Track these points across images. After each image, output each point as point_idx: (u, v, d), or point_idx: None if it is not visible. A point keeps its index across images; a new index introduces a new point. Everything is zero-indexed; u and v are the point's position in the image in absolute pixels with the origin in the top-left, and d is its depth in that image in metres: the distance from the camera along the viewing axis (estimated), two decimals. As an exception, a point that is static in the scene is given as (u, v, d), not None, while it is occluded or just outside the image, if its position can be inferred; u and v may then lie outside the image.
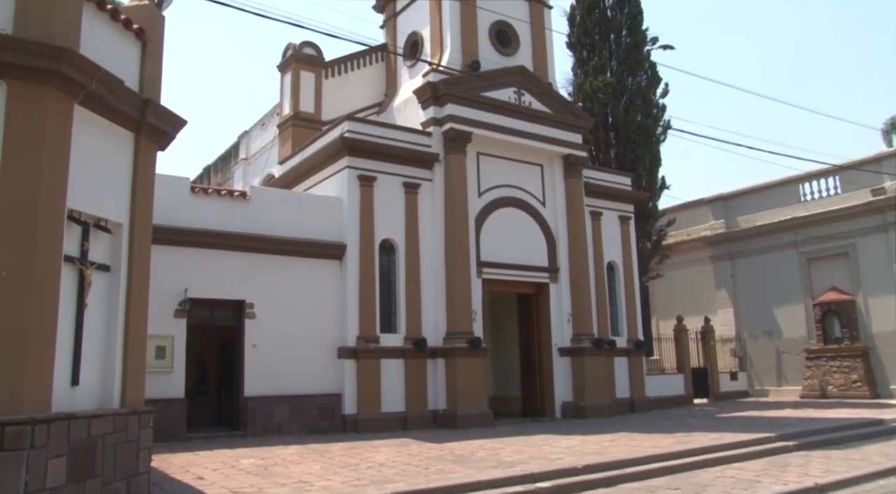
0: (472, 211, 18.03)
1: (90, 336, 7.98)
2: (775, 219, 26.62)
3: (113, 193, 8.64)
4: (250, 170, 26.84)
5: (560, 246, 19.73)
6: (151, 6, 9.78)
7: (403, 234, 17.17)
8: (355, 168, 16.63)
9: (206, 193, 15.40)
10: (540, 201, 19.74)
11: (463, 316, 16.97)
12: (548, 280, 19.48)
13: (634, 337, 21.33)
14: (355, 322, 15.98)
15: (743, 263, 27.87)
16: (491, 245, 18.39)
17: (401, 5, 21.65)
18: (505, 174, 19.13)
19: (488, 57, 19.40)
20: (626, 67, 25.80)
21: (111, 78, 8.13)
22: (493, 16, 19.92)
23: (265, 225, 15.54)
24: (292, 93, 20.65)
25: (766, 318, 26.83)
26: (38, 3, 7.49)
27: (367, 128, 17.25)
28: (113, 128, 8.62)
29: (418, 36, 20.50)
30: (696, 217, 29.33)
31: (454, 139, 17.75)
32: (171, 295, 14.00)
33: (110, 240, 8.61)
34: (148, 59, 9.49)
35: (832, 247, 25.01)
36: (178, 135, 9.88)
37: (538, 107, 19.58)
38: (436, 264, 17.38)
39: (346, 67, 21.67)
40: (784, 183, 26.75)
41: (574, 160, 20.00)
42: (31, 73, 7.28)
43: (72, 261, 7.75)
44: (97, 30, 8.48)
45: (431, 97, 18.03)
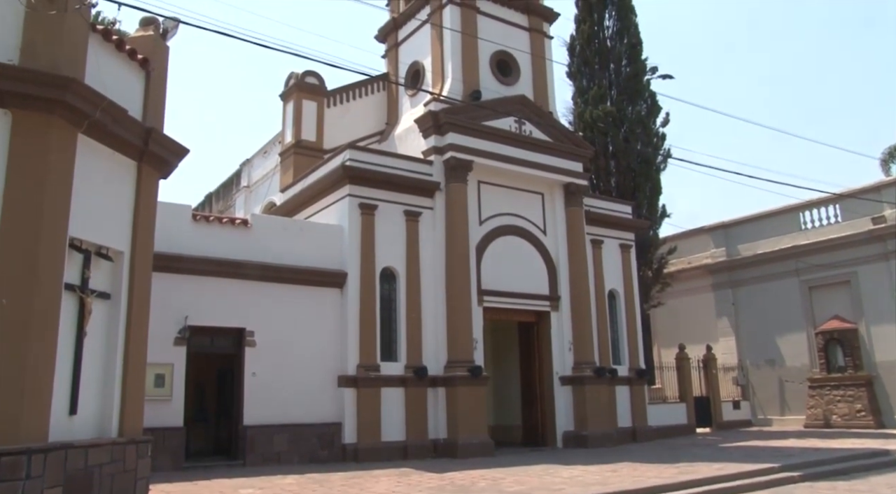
0: (473, 239, 18.04)
1: (89, 364, 7.96)
2: (776, 247, 26.63)
3: (114, 221, 8.67)
4: (252, 197, 26.94)
5: (561, 274, 19.72)
6: (156, 37, 9.90)
7: (404, 262, 17.17)
8: (356, 196, 16.69)
9: (208, 221, 15.44)
10: (541, 229, 19.78)
11: (464, 345, 16.90)
12: (549, 308, 19.43)
13: (636, 366, 21.22)
14: (356, 350, 15.91)
15: (744, 291, 27.81)
16: (492, 273, 18.38)
17: (402, 35, 21.90)
18: (506, 202, 19.19)
19: (489, 86, 19.57)
20: (626, 96, 26.01)
21: (115, 107, 8.21)
22: (494, 46, 20.13)
23: (266, 252, 15.55)
24: (294, 121, 20.78)
25: (769, 347, 26.71)
26: (45, 34, 7.59)
27: (369, 156, 17.35)
28: (116, 156, 8.69)
29: (420, 65, 20.70)
30: (697, 245, 29.34)
31: (455, 168, 17.83)
32: (171, 323, 13.96)
33: (111, 267, 8.63)
34: (152, 88, 9.60)
35: (833, 275, 24.99)
36: (180, 163, 9.96)
37: (539, 135, 19.70)
38: (437, 292, 17.36)
39: (347, 96, 21.84)
40: (784, 211, 26.80)
41: (575, 188, 20.07)
42: (37, 102, 7.35)
43: (72, 290, 7.76)
44: (102, 60, 8.58)
45: (432, 126, 18.15)
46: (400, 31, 22.01)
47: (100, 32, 8.79)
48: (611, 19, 27.03)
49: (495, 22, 20.51)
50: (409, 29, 21.57)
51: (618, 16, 26.94)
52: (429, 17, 20.38)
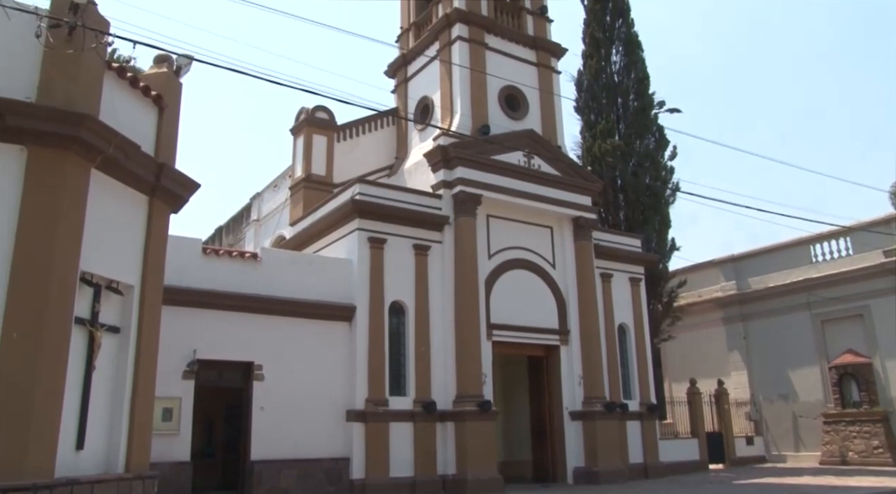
0: (482, 273, 18.03)
1: (97, 398, 7.95)
2: (787, 280, 26.44)
3: (126, 255, 8.73)
4: (262, 231, 27.07)
5: (570, 308, 19.64)
6: (169, 74, 10.07)
7: (413, 296, 17.15)
8: (366, 230, 16.75)
9: (218, 255, 15.50)
10: (550, 263, 19.76)
11: (473, 379, 16.79)
12: (558, 342, 19.32)
13: (647, 401, 20.99)
14: (364, 384, 15.82)
15: (755, 325, 27.57)
16: (501, 307, 18.33)
17: (412, 71, 22.18)
18: (515, 236, 19.21)
19: (498, 121, 19.73)
20: (634, 130, 26.14)
21: (128, 143, 8.32)
22: (503, 81, 20.34)
23: (275, 286, 15.57)
24: (304, 155, 20.96)
25: (781, 381, 26.37)
26: (62, 72, 7.73)
27: (378, 190, 17.45)
28: (128, 191, 8.78)
29: (429, 100, 20.91)
30: (707, 278, 29.18)
31: (464, 202, 17.90)
32: (180, 357, 13.93)
33: (121, 301, 8.66)
34: (164, 123, 9.74)
35: (846, 308, 24.74)
36: (192, 197, 10.05)
37: (547, 169, 19.78)
38: (445, 326, 17.30)
39: (357, 131, 22.06)
40: (795, 244, 26.64)
41: (583, 222, 20.08)
42: (52, 138, 7.47)
43: (82, 323, 7.79)
44: (117, 96, 8.73)
45: (441, 160, 18.27)
46: (409, 66, 22.30)
47: (115, 70, 8.96)
48: (618, 54, 27.30)
49: (503, 57, 20.75)
50: (418, 64, 21.85)
51: (625, 51, 27.21)
52: (438, 53, 20.65)
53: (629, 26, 27.49)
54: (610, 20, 27.48)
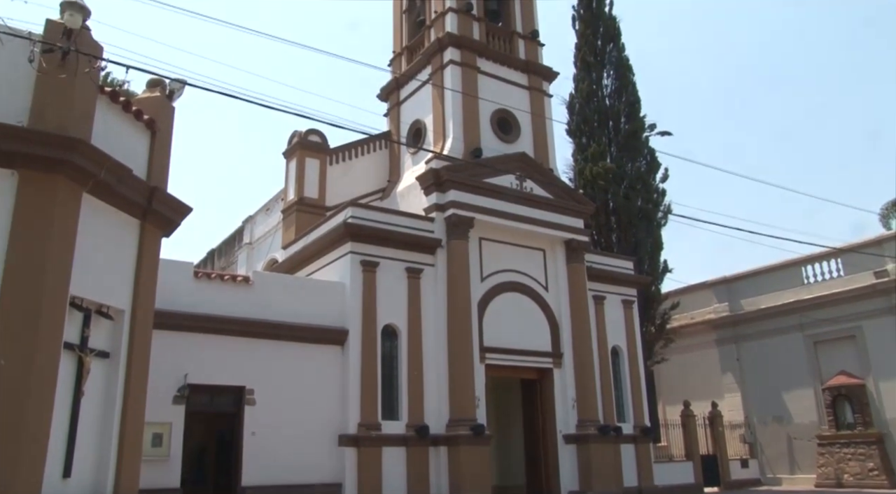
0: (475, 296, 18.00)
1: (85, 425, 7.85)
2: (779, 301, 26.49)
3: (116, 280, 8.68)
4: (254, 254, 26.98)
5: (563, 330, 19.60)
6: (162, 98, 10.09)
7: (406, 320, 17.08)
8: (358, 253, 16.72)
9: (209, 278, 15.43)
10: (542, 286, 19.75)
11: (466, 403, 16.69)
12: (551, 365, 19.25)
13: (641, 423, 20.89)
14: (357, 408, 15.70)
15: (748, 347, 27.56)
16: (494, 330, 18.28)
17: (404, 95, 22.30)
18: (507, 259, 19.21)
19: (490, 144, 19.82)
20: (626, 153, 26.33)
21: (120, 167, 8.31)
22: (495, 104, 20.46)
23: (267, 310, 15.49)
24: (297, 179, 20.97)
25: (775, 403, 26.31)
26: (54, 96, 7.74)
27: (370, 213, 17.45)
28: (119, 215, 8.75)
29: (421, 124, 21.01)
30: (700, 300, 29.22)
31: (456, 225, 17.91)
32: (171, 381, 13.80)
33: (111, 326, 8.59)
34: (157, 147, 9.74)
35: (838, 329, 24.78)
36: (183, 220, 10.01)
37: (540, 192, 19.84)
38: (438, 350, 17.23)
39: (350, 154, 22.11)
40: (786, 265, 26.74)
41: (576, 245, 20.11)
42: (44, 162, 7.45)
43: (71, 349, 7.71)
44: (109, 120, 8.74)
45: (434, 183, 18.31)
46: (402, 90, 22.43)
47: (107, 94, 8.97)
48: (609, 78, 27.61)
49: (496, 81, 20.89)
50: (410, 88, 21.97)
51: (616, 75, 27.51)
52: (430, 76, 20.78)
53: (620, 50, 27.83)
54: (601, 44, 27.81)
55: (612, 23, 28.03)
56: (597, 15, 28.00)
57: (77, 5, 8.00)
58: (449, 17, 20.64)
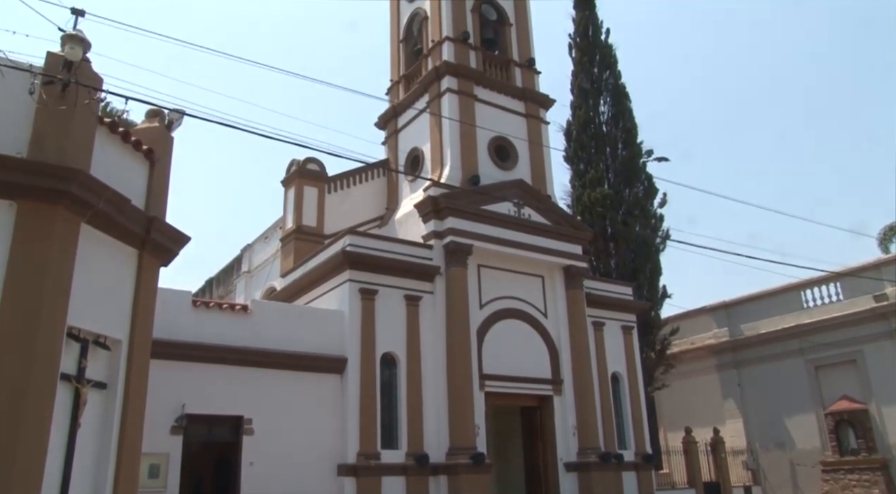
0: (474, 323, 17.95)
1: (81, 457, 7.78)
2: (779, 326, 26.43)
3: (114, 310, 8.65)
4: (252, 282, 26.95)
5: (563, 357, 19.52)
6: (161, 128, 10.15)
7: (405, 348, 17.01)
8: (357, 281, 16.70)
9: (208, 307, 15.38)
10: (542, 312, 19.70)
11: (466, 431, 16.55)
12: (551, 392, 19.14)
13: (642, 451, 20.71)
14: (356, 437, 15.56)
15: (749, 372, 27.44)
16: (493, 357, 18.20)
17: (402, 123, 22.43)
18: (506, 286, 19.18)
19: (488, 171, 19.90)
20: (623, 179, 26.46)
21: (118, 197, 8.33)
22: (492, 131, 20.58)
23: (266, 339, 15.42)
24: (295, 207, 21.01)
25: (778, 429, 26.13)
26: (54, 127, 7.78)
27: (369, 241, 17.46)
28: (117, 245, 8.75)
29: (419, 151, 21.11)
30: (700, 325, 29.14)
31: (455, 252, 17.92)
32: (168, 411, 13.69)
33: (108, 356, 8.55)
34: (155, 177, 9.77)
35: (839, 354, 24.69)
36: (182, 250, 10.02)
37: (538, 219, 19.88)
38: (438, 377, 17.13)
39: (348, 182, 22.18)
40: (786, 290, 26.72)
41: (575, 271, 20.11)
42: (42, 193, 7.47)
43: (68, 380, 7.66)
44: (108, 150, 8.78)
45: (432, 211, 18.35)
46: (399, 118, 22.57)
47: (107, 124, 9.02)
48: (606, 105, 27.85)
49: (493, 109, 21.04)
50: (408, 116, 22.12)
51: (612, 101, 27.75)
52: (427, 105, 20.93)
53: (616, 77, 28.11)
54: (598, 71, 28.09)
55: (608, 51, 28.34)
56: (593, 43, 28.32)
57: (78, 38, 8.08)
58: (446, 45, 20.85)
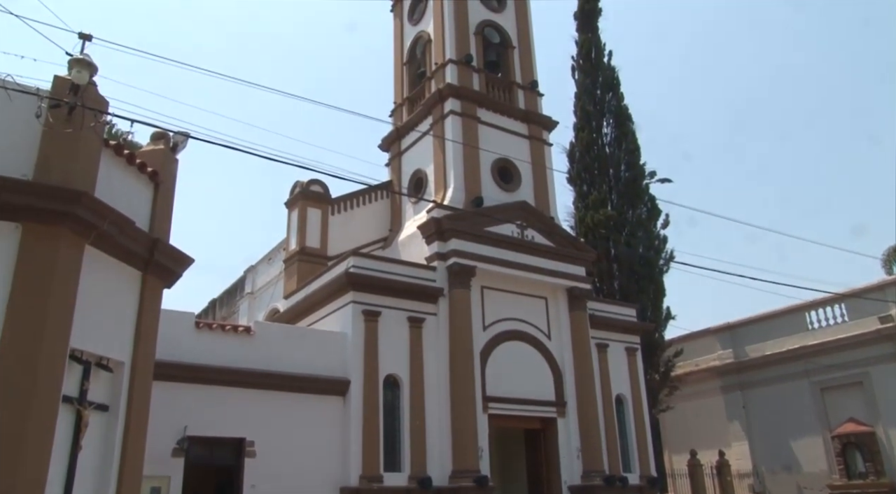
0: (478, 345, 17.90)
1: (82, 480, 7.74)
2: (784, 347, 26.26)
3: (117, 331, 8.65)
4: (256, 304, 26.94)
5: (567, 379, 19.42)
6: (166, 150, 10.21)
7: (408, 369, 16.96)
8: (360, 303, 16.69)
9: (211, 329, 15.38)
10: (545, 334, 19.64)
11: (469, 454, 16.44)
12: (555, 414, 19.02)
13: (647, 473, 20.52)
14: (358, 460, 15.46)
15: (755, 394, 27.23)
16: (497, 379, 18.12)
17: (405, 145, 22.54)
18: (509, 307, 19.15)
19: (491, 193, 19.95)
20: (626, 200, 26.48)
21: (122, 219, 8.36)
22: (495, 154, 20.66)
23: (269, 360, 15.39)
24: (299, 228, 21.07)
25: (784, 451, 25.88)
26: (60, 150, 7.83)
27: (372, 263, 17.47)
28: (121, 266, 8.77)
29: (422, 173, 21.18)
30: (704, 347, 28.97)
31: (458, 274, 17.92)
32: (170, 433, 13.63)
33: (111, 378, 8.54)
34: (160, 199, 9.82)
35: (845, 376, 24.49)
36: (185, 271, 10.04)
37: (541, 241, 19.88)
38: (441, 399, 17.06)
39: (351, 204, 22.25)
40: (790, 311, 26.56)
41: (578, 292, 20.07)
42: (47, 215, 7.50)
43: (70, 402, 7.64)
44: (113, 172, 8.83)
45: (435, 233, 18.38)
46: (403, 140, 22.68)
47: (112, 147, 9.08)
48: (609, 127, 27.94)
49: (496, 131, 21.14)
50: (411, 138, 22.23)
51: (615, 123, 27.85)
52: (431, 127, 21.04)
53: (619, 99, 28.23)
54: (600, 94, 28.23)
55: (611, 73, 28.49)
56: (596, 65, 28.48)
57: (85, 62, 8.17)
58: (449, 68, 21.01)
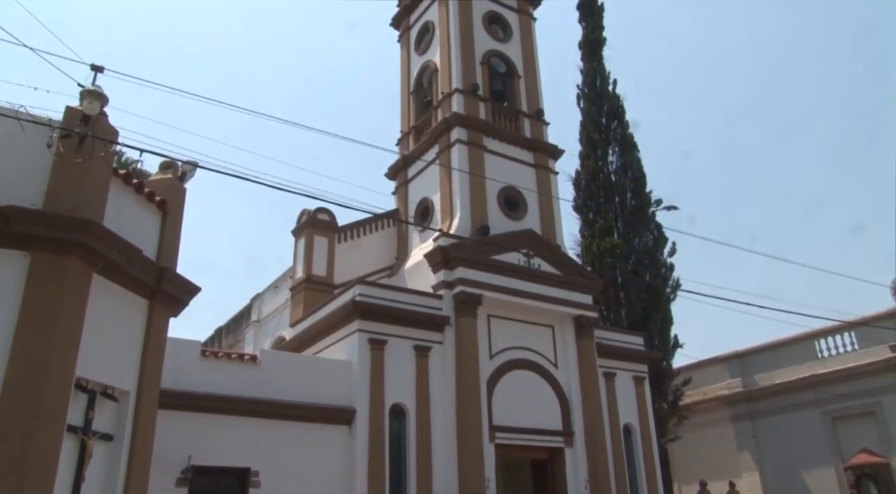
0: (484, 373, 17.80)
1: (86, 511, 7.67)
2: (793, 376, 25.97)
3: (122, 360, 8.64)
4: (262, 332, 26.92)
5: (574, 408, 19.25)
6: (174, 180, 10.28)
7: (414, 399, 16.85)
8: (366, 331, 16.64)
9: (217, 357, 15.33)
10: (552, 363, 19.52)
11: (475, 484, 16.25)
12: (563, 444, 18.82)
13: (657, 505, 20.24)
14: (364, 490, 15.27)
15: (765, 423, 26.89)
16: (503, 408, 17.98)
17: (412, 173, 22.65)
18: (516, 336, 19.06)
19: (497, 221, 19.98)
20: (633, 228, 26.47)
21: (130, 248, 8.40)
22: (501, 182, 20.73)
23: (275, 389, 15.32)
24: (305, 256, 21.08)
25: (796, 483, 25.45)
26: (70, 180, 7.89)
27: (379, 291, 17.46)
28: (128, 295, 8.79)
29: (429, 201, 21.25)
30: (712, 375, 28.68)
31: (465, 302, 17.88)
32: (174, 463, 13.50)
33: (116, 408, 8.51)
34: (167, 228, 9.86)
35: (857, 405, 24.17)
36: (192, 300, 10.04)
37: (547, 269, 19.86)
38: (447, 429, 16.91)
39: (358, 232, 22.29)
40: (799, 339, 26.32)
41: (585, 321, 19.98)
42: (56, 244, 7.54)
43: (74, 432, 7.61)
44: (122, 201, 8.88)
45: (442, 261, 18.38)
46: (409, 168, 22.79)
47: (121, 176, 9.15)
48: (614, 155, 28.04)
49: (502, 159, 21.23)
50: (417, 167, 22.33)
51: (620, 151, 27.95)
52: (437, 155, 21.15)
53: (624, 127, 28.35)
54: (605, 122, 28.37)
55: (615, 101, 28.64)
56: (601, 93, 28.66)
57: (96, 93, 8.28)
58: (455, 97, 21.18)
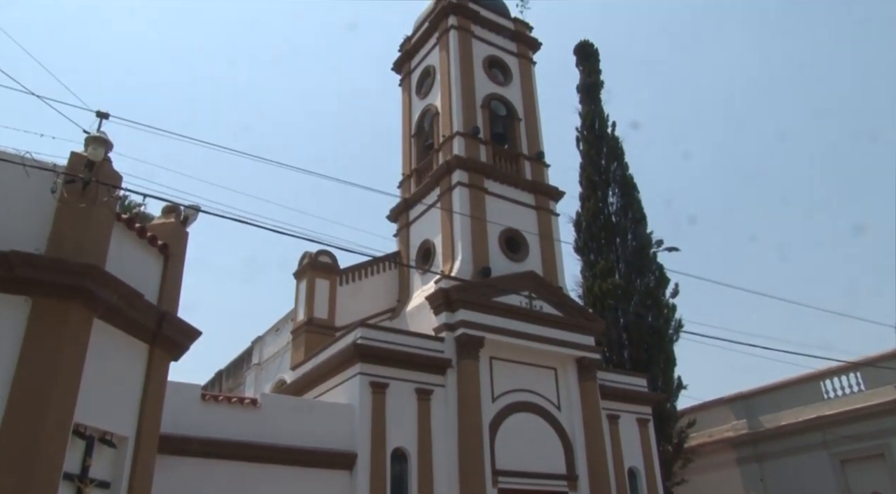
0: (486, 416, 17.62)
1: (80, 563, 7.53)
2: (800, 417, 25.65)
3: (121, 406, 8.58)
4: (262, 375, 26.72)
5: (578, 451, 19.00)
6: (176, 224, 10.34)
7: (416, 442, 16.65)
8: (368, 374, 16.53)
9: (217, 401, 15.20)
10: (555, 405, 19.34)
11: (479, 531, 15.96)
12: (567, 488, 18.52)
13: (664, 552, 19.84)
14: (365, 537, 15.04)
15: (772, 466, 26.46)
16: (506, 452, 17.75)
17: (413, 216, 22.75)
18: (518, 378, 18.92)
19: (498, 263, 20.00)
20: (634, 269, 26.46)
21: (132, 292, 8.40)
22: (503, 224, 20.81)
23: (275, 433, 15.15)
24: (307, 299, 21.04)
25: (806, 528, 24.96)
26: (73, 224, 7.94)
27: (380, 334, 17.39)
28: (129, 339, 8.77)
29: (430, 244, 21.30)
30: (717, 417, 28.32)
31: (466, 344, 17.80)
32: (173, 510, 13.32)
33: (114, 454, 8.42)
34: (169, 272, 9.88)
35: (865, 447, 23.80)
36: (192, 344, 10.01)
37: (549, 310, 19.80)
38: (450, 473, 16.67)
39: (360, 274, 22.29)
40: (805, 380, 26.03)
41: (587, 362, 19.85)
42: (58, 289, 7.54)
43: (71, 479, 7.51)
44: (124, 246, 8.92)
45: (443, 303, 18.35)
46: (411, 211, 22.90)
47: (124, 221, 9.20)
48: (614, 196, 28.19)
49: (503, 201, 21.35)
50: (419, 209, 22.44)
51: (621, 193, 28.11)
52: (438, 198, 21.27)
53: (624, 169, 28.57)
54: (605, 163, 28.60)
55: (615, 143, 28.91)
56: (599, 136, 28.95)
57: (101, 139, 8.38)
58: (456, 140, 21.39)
